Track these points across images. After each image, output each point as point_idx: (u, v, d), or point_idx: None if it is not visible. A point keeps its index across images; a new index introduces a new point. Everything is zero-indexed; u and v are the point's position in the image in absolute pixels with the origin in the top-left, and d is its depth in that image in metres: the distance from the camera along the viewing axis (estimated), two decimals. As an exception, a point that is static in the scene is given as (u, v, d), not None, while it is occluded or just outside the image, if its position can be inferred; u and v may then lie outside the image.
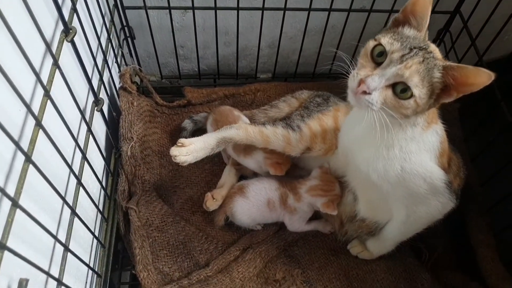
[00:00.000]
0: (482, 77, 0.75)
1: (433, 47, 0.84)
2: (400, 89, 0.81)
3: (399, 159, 0.92)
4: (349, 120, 1.07)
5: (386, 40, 0.83)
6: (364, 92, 0.82)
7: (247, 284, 1.19)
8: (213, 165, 1.42)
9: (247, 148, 1.25)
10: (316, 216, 1.28)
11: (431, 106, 0.84)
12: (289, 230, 1.28)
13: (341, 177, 1.19)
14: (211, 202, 1.25)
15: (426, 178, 0.93)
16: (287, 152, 1.18)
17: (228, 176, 1.34)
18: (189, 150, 1.12)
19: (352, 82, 0.85)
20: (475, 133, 1.43)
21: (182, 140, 1.13)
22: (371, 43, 0.86)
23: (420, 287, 1.18)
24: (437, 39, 1.63)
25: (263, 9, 1.40)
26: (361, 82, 0.82)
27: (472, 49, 1.41)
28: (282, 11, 1.42)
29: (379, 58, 0.84)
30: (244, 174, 1.37)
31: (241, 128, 1.17)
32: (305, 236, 1.30)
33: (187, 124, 1.44)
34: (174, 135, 1.47)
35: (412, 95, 0.80)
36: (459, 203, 1.10)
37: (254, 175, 1.33)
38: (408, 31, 0.85)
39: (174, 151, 1.12)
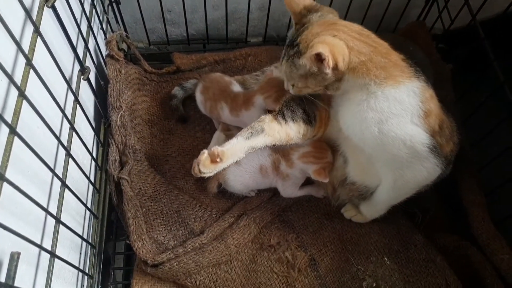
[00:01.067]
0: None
1: (303, 34, 0.92)
2: None
3: (373, 118, 0.91)
4: None
5: None
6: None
7: (242, 250, 1.20)
8: (205, 133, 1.41)
9: (247, 101, 1.25)
10: (309, 181, 1.28)
11: (328, 79, 0.92)
12: (282, 196, 1.28)
13: (333, 141, 1.18)
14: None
15: (406, 141, 0.91)
16: (298, 144, 1.15)
17: (217, 142, 1.32)
18: (218, 167, 1.01)
19: None
20: (467, 94, 1.42)
21: (221, 153, 1.00)
22: None
23: (413, 248, 1.19)
24: (430, -1, 1.60)
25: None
26: None
27: (466, 8, 1.38)
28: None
29: None
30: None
31: (269, 135, 1.06)
32: (299, 201, 1.30)
33: (177, 91, 1.42)
34: (164, 103, 1.44)
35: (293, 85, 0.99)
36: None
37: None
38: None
39: (207, 168, 1.00)
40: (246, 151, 1.03)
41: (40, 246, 0.79)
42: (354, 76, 0.90)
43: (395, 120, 0.90)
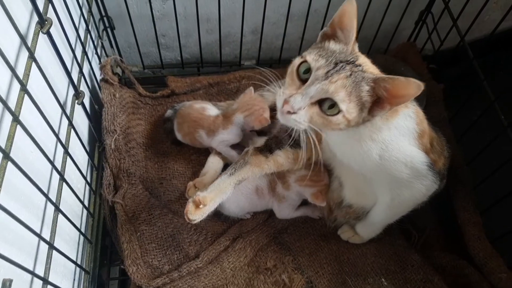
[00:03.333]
0: (413, 88, 0.73)
1: (362, 59, 0.82)
2: (327, 105, 0.80)
3: (375, 149, 0.91)
4: None
5: (311, 57, 0.82)
6: (289, 112, 0.81)
7: (238, 274, 1.18)
8: (199, 155, 1.41)
9: (225, 120, 1.27)
10: (305, 201, 1.27)
11: (365, 120, 0.83)
12: (278, 218, 1.27)
13: (327, 164, 1.18)
14: (193, 191, 1.24)
15: (407, 163, 0.92)
16: (292, 168, 1.14)
17: (211, 165, 1.33)
18: (206, 211, 1.03)
19: (278, 101, 0.84)
20: (459, 113, 1.44)
21: (203, 199, 1.02)
22: (296, 60, 0.85)
23: (410, 269, 1.19)
24: (419, 21, 1.63)
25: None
26: (285, 102, 0.81)
27: (454, 29, 1.41)
28: (264, -4, 1.39)
29: (305, 75, 0.82)
30: (229, 163, 1.36)
31: (256, 165, 1.08)
32: (295, 223, 1.29)
33: (170, 114, 1.42)
34: (159, 126, 1.45)
35: (339, 111, 0.79)
36: (445, 182, 1.10)
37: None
38: (334, 45, 0.84)
39: (195, 215, 1.01)
40: (233, 185, 1.05)
41: (32, 273, 0.77)
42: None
43: (395, 145, 0.91)
